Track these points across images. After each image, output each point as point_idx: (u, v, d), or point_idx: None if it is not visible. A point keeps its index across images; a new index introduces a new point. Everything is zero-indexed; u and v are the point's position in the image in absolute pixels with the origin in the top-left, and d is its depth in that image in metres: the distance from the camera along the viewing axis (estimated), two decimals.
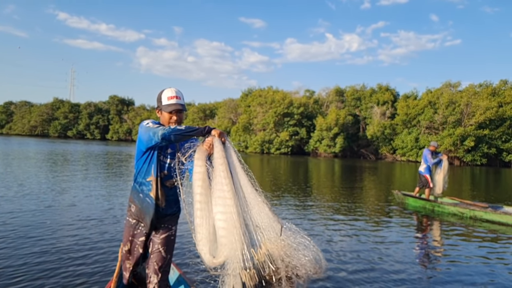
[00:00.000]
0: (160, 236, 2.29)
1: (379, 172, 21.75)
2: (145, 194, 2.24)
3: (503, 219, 6.98)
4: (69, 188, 9.03)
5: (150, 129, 2.07)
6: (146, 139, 2.10)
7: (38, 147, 28.49)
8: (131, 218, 2.33)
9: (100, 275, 3.56)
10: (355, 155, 44.29)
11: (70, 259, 3.97)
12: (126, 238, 2.34)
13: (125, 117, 69.28)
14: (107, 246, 4.49)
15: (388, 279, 3.84)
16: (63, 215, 6.06)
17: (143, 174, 2.24)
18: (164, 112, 2.24)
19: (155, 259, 2.25)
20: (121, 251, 2.39)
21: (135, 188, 2.30)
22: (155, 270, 2.23)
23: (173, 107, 2.21)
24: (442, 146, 34.75)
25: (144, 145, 2.15)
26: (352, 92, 48.74)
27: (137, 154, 2.28)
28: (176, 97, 2.25)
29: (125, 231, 2.35)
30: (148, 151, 2.20)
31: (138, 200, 2.27)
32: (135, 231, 2.31)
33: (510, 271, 4.31)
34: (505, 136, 36.03)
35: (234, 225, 1.76)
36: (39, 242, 4.51)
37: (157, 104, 2.31)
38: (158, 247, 2.27)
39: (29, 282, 3.31)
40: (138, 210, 2.27)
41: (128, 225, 2.34)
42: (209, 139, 2.01)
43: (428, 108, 38.76)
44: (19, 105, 79.32)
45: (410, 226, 6.65)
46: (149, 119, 2.29)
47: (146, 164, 2.23)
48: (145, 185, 2.24)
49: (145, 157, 2.23)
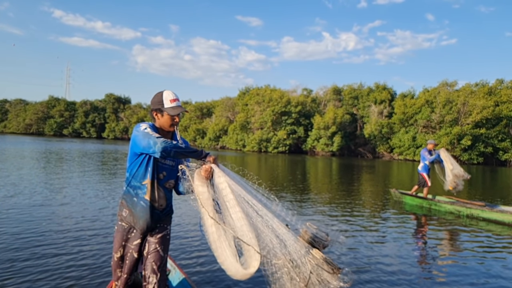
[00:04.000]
0: (157, 235, 2.26)
1: (377, 170, 21.75)
2: (139, 197, 2.20)
3: (500, 218, 6.94)
4: (63, 187, 8.90)
5: (150, 137, 2.02)
6: (144, 145, 2.04)
7: (33, 146, 28.24)
8: (124, 223, 2.27)
9: (90, 277, 3.47)
10: (353, 153, 44.33)
11: (61, 260, 3.88)
12: (118, 244, 2.26)
13: (121, 116, 68.91)
14: (100, 247, 4.39)
15: (383, 278, 3.78)
16: (56, 214, 5.95)
17: (138, 177, 2.19)
18: (165, 115, 2.20)
19: (153, 259, 2.20)
20: (112, 260, 2.31)
21: (128, 192, 2.24)
22: (154, 270, 2.19)
23: (178, 110, 2.20)
24: (439, 145, 34.84)
25: (140, 149, 2.10)
26: (349, 91, 48.75)
27: (131, 157, 2.20)
28: (178, 99, 2.25)
29: (116, 237, 2.28)
30: (143, 154, 2.15)
31: (132, 204, 2.22)
32: (129, 235, 2.25)
33: (506, 270, 4.26)
34: (501, 135, 36.17)
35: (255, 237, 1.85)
36: (30, 242, 4.41)
37: (155, 106, 2.22)
38: (156, 246, 2.23)
39: (17, 286, 3.22)
40: (131, 214, 2.22)
41: (120, 230, 2.27)
42: (207, 167, 2.03)
43: (425, 107, 38.84)
44: (14, 103, 78.70)
45: (407, 225, 6.60)
46: (143, 122, 2.24)
47: (142, 167, 2.18)
48: (140, 188, 2.19)
49: (140, 160, 2.17)
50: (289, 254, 1.87)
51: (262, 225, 1.90)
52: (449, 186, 8.05)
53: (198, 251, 4.44)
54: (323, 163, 27.08)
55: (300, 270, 1.82)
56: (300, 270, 1.82)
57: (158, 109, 2.21)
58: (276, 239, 1.90)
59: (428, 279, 3.91)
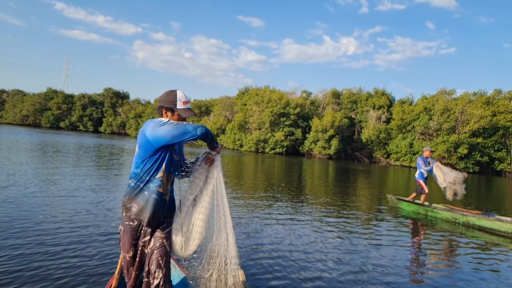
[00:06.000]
0: (164, 230, 2.26)
1: (373, 175, 21.77)
2: (151, 191, 2.20)
3: (495, 226, 6.95)
4: (58, 179, 8.80)
5: (183, 125, 2.11)
6: (176, 134, 2.09)
7: (29, 137, 28.01)
8: (132, 222, 2.22)
9: (83, 271, 3.40)
10: (349, 157, 44.42)
11: (54, 253, 3.81)
12: (128, 244, 2.23)
13: (119, 110, 68.61)
14: (93, 242, 4.33)
15: (377, 284, 3.74)
16: (51, 207, 5.87)
17: (151, 171, 2.19)
18: (176, 115, 2.26)
19: (159, 254, 2.19)
20: (122, 260, 2.28)
21: (137, 187, 2.20)
22: (160, 264, 2.18)
23: (190, 114, 2.28)
24: (435, 153, 34.99)
25: (167, 140, 2.10)
26: (348, 95, 48.85)
27: (145, 152, 2.17)
28: (189, 102, 2.34)
29: (124, 238, 2.23)
30: (162, 149, 2.17)
31: (142, 198, 2.19)
32: (138, 233, 2.23)
33: (500, 280, 4.24)
34: (497, 145, 36.42)
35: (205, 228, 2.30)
36: (22, 234, 4.33)
37: (167, 104, 2.25)
38: (163, 241, 2.22)
39: (6, 275, 3.15)
40: (142, 209, 2.19)
41: (128, 230, 2.22)
42: (212, 157, 2.38)
43: (423, 114, 39.01)
44: (12, 94, 78.11)
45: (402, 231, 6.58)
46: (154, 118, 2.27)
47: (158, 162, 2.19)
48: (152, 182, 2.20)
49: (158, 155, 2.18)
50: (224, 257, 2.23)
51: (217, 222, 2.28)
52: (449, 195, 8.12)
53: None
54: (319, 166, 27.08)
55: (222, 273, 2.23)
56: (222, 273, 2.23)
57: (170, 108, 2.24)
58: (220, 240, 2.26)
59: (421, 286, 3.88)
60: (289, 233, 5.62)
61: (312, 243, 5.14)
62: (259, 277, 3.67)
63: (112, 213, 5.84)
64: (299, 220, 6.62)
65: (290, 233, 5.60)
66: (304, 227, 6.12)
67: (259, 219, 6.42)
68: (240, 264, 2.28)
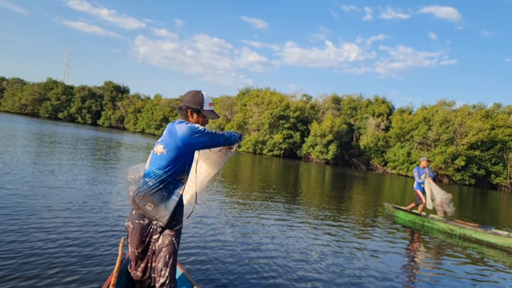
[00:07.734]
0: (174, 228, 2.26)
1: (369, 182, 21.77)
2: (172, 192, 2.19)
3: (492, 239, 6.93)
4: (54, 170, 8.72)
5: (217, 137, 2.23)
6: (209, 145, 2.22)
7: (26, 126, 27.83)
8: (142, 220, 2.21)
9: (78, 265, 3.34)
10: (347, 163, 44.45)
11: (49, 248, 3.75)
12: (138, 241, 2.23)
13: (118, 104, 68.35)
14: (89, 236, 4.27)
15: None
16: (46, 198, 5.80)
17: (174, 174, 2.18)
18: (202, 116, 2.28)
19: (167, 252, 2.19)
20: (130, 253, 2.29)
21: (156, 187, 2.16)
22: (167, 263, 2.18)
23: (215, 117, 2.32)
24: (433, 163, 35.05)
25: (196, 149, 2.21)
26: (348, 101, 48.92)
27: (173, 155, 2.14)
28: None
29: (134, 235, 2.22)
30: (190, 153, 2.20)
31: (161, 199, 2.17)
32: (149, 230, 2.23)
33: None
34: (495, 158, 36.53)
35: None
36: (17, 227, 4.27)
37: (194, 105, 2.24)
38: (172, 239, 2.22)
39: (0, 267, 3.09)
40: (158, 208, 2.17)
41: (138, 228, 2.21)
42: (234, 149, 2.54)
43: (422, 124, 39.10)
44: (11, 82, 77.64)
45: (397, 240, 6.55)
46: (182, 122, 2.21)
47: (184, 165, 2.21)
48: (173, 184, 2.20)
49: (185, 158, 2.18)
50: None
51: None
52: (439, 214, 8.27)
53: (197, 248, 4.36)
54: (316, 170, 27.06)
55: None
56: None
57: (196, 109, 2.24)
58: None
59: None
60: (283, 237, 5.58)
61: (306, 248, 5.10)
62: (252, 280, 3.63)
63: (107, 206, 5.78)
64: (292, 224, 6.57)
65: (284, 238, 5.55)
66: (299, 231, 6.08)
67: (254, 220, 6.37)
68: None
